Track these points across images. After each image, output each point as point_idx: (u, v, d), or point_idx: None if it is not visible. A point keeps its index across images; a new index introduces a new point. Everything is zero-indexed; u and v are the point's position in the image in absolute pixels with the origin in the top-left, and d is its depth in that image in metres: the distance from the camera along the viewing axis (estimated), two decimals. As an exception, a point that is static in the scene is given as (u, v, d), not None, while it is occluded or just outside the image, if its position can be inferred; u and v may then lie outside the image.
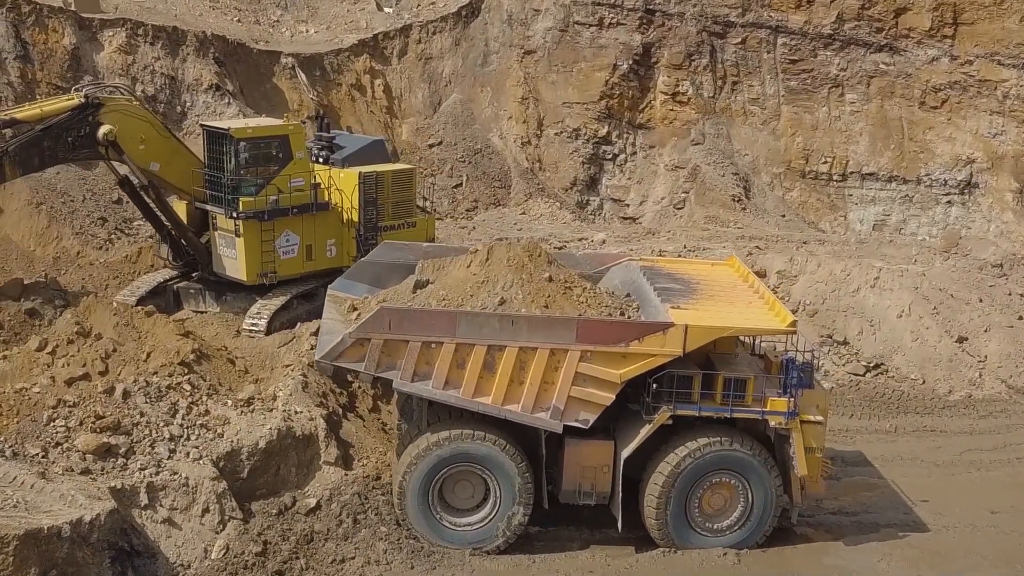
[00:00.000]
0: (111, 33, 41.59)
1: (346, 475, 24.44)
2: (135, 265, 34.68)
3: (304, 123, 42.59)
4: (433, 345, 22.66)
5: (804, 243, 42.70)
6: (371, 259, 27.09)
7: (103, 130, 29.28)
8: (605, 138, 50.37)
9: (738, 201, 48.06)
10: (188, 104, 42.35)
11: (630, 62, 50.27)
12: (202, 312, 31.65)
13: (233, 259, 31.00)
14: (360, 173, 31.58)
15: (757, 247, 41.20)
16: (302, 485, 24.15)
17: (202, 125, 32.87)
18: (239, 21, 48.34)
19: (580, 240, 42.08)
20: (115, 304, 28.32)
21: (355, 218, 31.72)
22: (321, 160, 32.33)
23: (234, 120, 37.37)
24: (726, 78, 50.71)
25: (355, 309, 25.26)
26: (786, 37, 50.13)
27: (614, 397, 23.20)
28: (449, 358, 22.72)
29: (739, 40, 50.45)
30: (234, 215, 30.31)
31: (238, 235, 30.57)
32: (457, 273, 24.83)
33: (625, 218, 49.86)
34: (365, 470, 24.86)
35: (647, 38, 50.42)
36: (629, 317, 24.23)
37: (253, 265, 30.80)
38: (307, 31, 50.06)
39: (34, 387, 24.08)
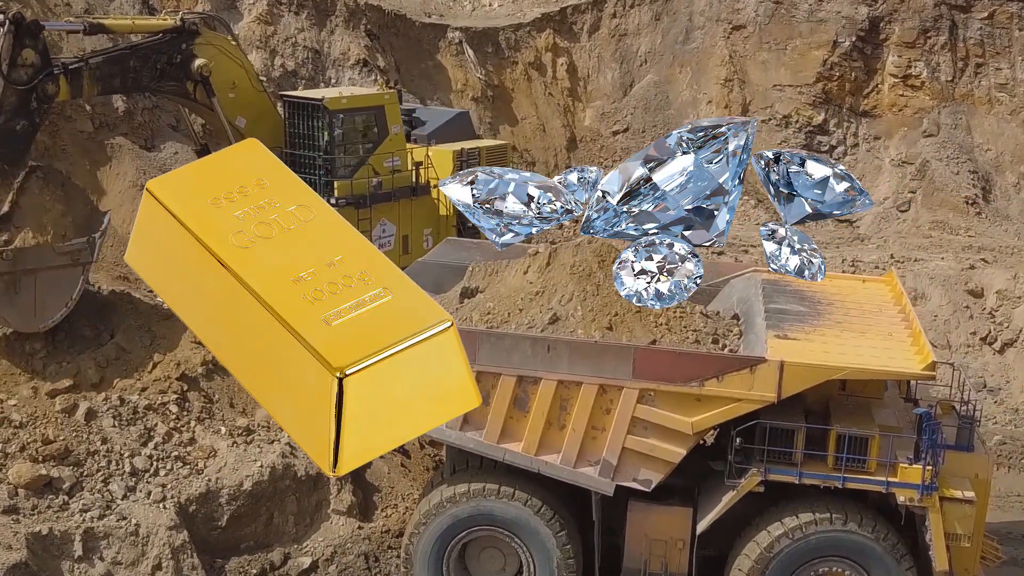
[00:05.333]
0: (252, 1, 37.90)
1: (359, 528, 19.63)
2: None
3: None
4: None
5: (1047, 257, 35.42)
6: (431, 259, 22.27)
7: (198, 62, 24.82)
8: (821, 127, 43.74)
9: (973, 204, 40.76)
10: (333, 81, 38.16)
11: (853, 39, 43.51)
12: None
13: None
14: (461, 150, 26.80)
15: (983, 260, 34.43)
16: (300, 539, 19.45)
17: (282, 95, 28.46)
18: (416, -8, 44.04)
19: (767, 244, 35.82)
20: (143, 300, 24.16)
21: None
22: None
23: (321, 90, 32.75)
24: (968, 59, 43.34)
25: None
26: (1043, 11, 42.49)
27: (685, 452, 17.58)
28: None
29: (985, 15, 43.09)
30: (331, 202, 25.87)
31: None
32: (511, 281, 19.68)
33: (841, 221, 43.05)
34: (386, 523, 19.96)
35: (875, 11, 43.56)
36: (723, 347, 18.46)
37: None
38: (490, 4, 45.33)
39: (11, 400, 20.15)
